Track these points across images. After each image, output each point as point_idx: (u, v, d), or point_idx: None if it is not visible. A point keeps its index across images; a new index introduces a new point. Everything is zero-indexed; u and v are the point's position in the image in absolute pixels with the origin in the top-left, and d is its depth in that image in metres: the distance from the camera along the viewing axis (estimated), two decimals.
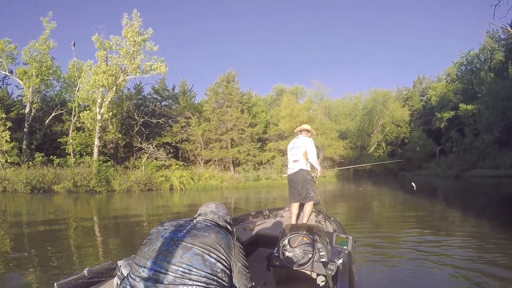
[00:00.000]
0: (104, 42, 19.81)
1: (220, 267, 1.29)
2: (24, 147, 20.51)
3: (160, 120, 25.76)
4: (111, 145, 23.25)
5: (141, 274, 1.23)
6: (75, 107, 21.01)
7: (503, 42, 31.56)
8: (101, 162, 19.06)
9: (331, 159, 30.93)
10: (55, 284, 1.65)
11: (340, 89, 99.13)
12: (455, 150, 31.07)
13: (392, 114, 35.99)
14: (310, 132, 4.06)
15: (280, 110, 31.58)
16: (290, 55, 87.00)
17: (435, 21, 75.20)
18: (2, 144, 17.81)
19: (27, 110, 21.31)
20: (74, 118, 21.01)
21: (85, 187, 16.94)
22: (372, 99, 37.75)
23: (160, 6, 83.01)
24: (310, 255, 2.15)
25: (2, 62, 20.97)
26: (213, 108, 28.43)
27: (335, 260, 1.97)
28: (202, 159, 26.76)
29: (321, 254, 2.15)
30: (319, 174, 4.05)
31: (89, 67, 20.42)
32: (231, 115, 27.30)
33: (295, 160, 3.80)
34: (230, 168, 27.56)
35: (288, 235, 2.33)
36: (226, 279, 1.31)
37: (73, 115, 21.13)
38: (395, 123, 37.47)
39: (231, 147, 27.53)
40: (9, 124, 18.62)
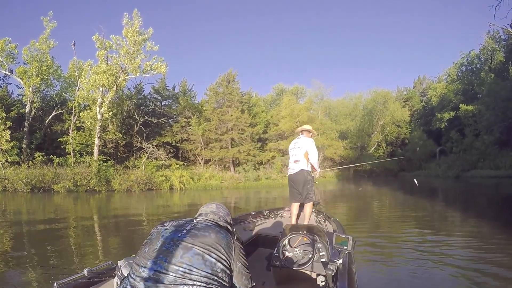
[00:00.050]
0: (105, 41, 19.86)
1: (220, 267, 1.29)
2: (24, 146, 20.51)
3: (160, 120, 25.74)
4: (111, 144, 23.24)
5: (141, 274, 1.23)
6: (75, 107, 21.02)
7: (503, 42, 31.55)
8: (101, 162, 19.06)
9: (331, 159, 30.89)
10: (55, 284, 1.64)
11: (340, 89, 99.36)
12: (455, 150, 31.05)
13: (392, 114, 35.94)
14: (311, 133, 4.06)
15: (280, 110, 31.54)
16: (290, 55, 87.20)
17: (435, 21, 75.38)
18: (2, 143, 17.83)
19: (27, 109, 21.32)
20: (74, 118, 21.02)
21: (85, 187, 16.95)
22: (372, 99, 37.68)
23: (160, 6, 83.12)
24: (310, 255, 2.15)
25: (2, 62, 20.97)
26: (213, 108, 28.39)
27: (335, 260, 1.97)
28: (202, 159, 26.75)
29: (321, 254, 2.14)
30: (318, 175, 4.05)
31: (89, 67, 20.43)
32: (231, 115, 27.29)
33: (296, 161, 3.80)
34: (230, 168, 27.55)
35: (288, 235, 2.33)
36: (227, 279, 1.31)
37: (73, 115, 21.14)
38: (395, 124, 37.41)
39: (231, 147, 27.51)
40: (9, 123, 18.64)
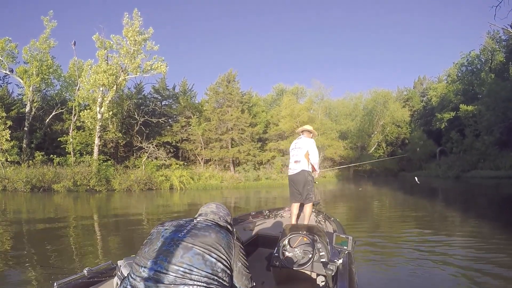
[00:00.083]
0: (105, 41, 19.83)
1: (220, 267, 1.29)
2: (24, 146, 20.51)
3: (160, 120, 25.73)
4: (111, 144, 23.24)
5: (141, 274, 1.23)
6: (75, 106, 21.01)
7: (503, 43, 31.52)
8: (101, 161, 19.06)
9: (331, 159, 30.89)
10: (55, 283, 1.64)
11: (340, 89, 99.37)
12: (455, 151, 31.02)
13: (392, 114, 35.94)
14: (312, 133, 4.06)
15: (280, 110, 31.53)
16: (290, 55, 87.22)
17: (435, 21, 75.44)
18: (2, 143, 17.84)
19: (27, 109, 21.31)
20: (74, 117, 21.02)
21: (85, 186, 16.95)
22: (372, 100, 37.67)
23: (160, 6, 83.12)
24: (310, 255, 2.15)
25: (2, 61, 20.96)
26: (213, 107, 28.39)
27: (335, 260, 1.96)
28: (202, 158, 26.75)
29: (321, 254, 2.14)
30: (318, 176, 4.05)
31: (89, 66, 20.41)
32: (232, 115, 27.29)
33: (296, 161, 3.80)
34: (230, 167, 27.55)
35: (288, 235, 2.32)
36: (227, 279, 1.31)
37: (73, 114, 21.13)
38: (396, 124, 37.41)
39: (231, 147, 27.51)
40: (9, 123, 18.65)
